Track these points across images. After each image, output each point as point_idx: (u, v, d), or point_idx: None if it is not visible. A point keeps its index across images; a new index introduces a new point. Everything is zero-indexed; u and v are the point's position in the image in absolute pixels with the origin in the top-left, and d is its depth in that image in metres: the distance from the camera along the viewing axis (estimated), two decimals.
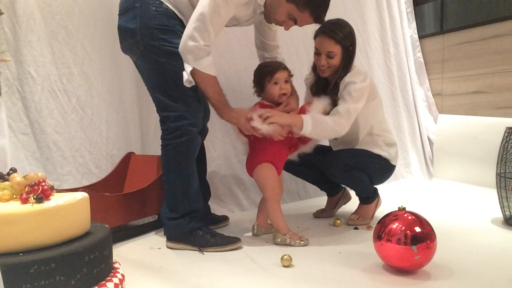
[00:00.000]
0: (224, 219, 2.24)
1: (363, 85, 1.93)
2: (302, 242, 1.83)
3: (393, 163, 2.16)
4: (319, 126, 1.82)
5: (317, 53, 2.02)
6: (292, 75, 1.95)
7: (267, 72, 1.90)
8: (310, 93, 2.16)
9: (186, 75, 1.73)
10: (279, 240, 1.85)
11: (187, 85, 1.75)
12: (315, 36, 2.03)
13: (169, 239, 1.85)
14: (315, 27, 1.94)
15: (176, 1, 1.80)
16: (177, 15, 1.79)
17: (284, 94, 1.90)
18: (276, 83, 1.88)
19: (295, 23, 1.82)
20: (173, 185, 1.82)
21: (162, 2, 1.76)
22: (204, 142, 2.10)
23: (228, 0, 1.67)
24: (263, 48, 2.11)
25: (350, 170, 2.04)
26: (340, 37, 1.96)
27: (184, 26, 1.78)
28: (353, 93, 1.89)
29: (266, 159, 1.88)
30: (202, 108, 1.87)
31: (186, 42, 1.69)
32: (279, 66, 1.90)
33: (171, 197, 1.84)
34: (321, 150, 2.21)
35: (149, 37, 1.74)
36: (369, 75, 2.01)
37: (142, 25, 1.74)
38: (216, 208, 2.39)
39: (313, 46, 2.06)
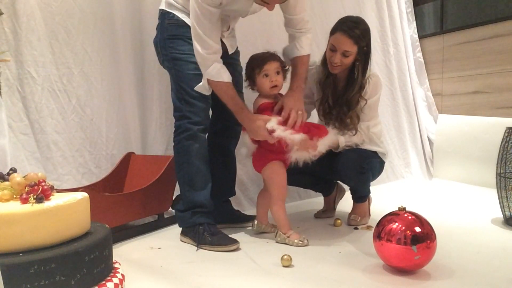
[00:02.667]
0: (250, 218, 2.14)
1: (379, 98, 2.13)
2: (302, 242, 1.83)
3: (385, 159, 2.19)
4: (349, 144, 2.07)
5: (333, 50, 1.98)
6: (286, 66, 1.90)
7: (256, 65, 1.84)
8: (318, 87, 2.12)
9: (202, 82, 1.82)
10: (279, 239, 1.86)
11: (205, 92, 1.84)
12: (333, 32, 1.99)
13: (181, 232, 1.94)
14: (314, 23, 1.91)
15: (186, 6, 1.81)
16: (186, 23, 1.84)
17: (276, 86, 1.84)
18: (266, 76, 1.83)
19: (268, 3, 1.72)
20: (178, 179, 1.95)
21: (175, 14, 1.86)
22: None
23: (199, 4, 1.68)
24: (286, 24, 1.99)
25: (365, 172, 2.05)
26: (358, 37, 1.95)
27: None
28: (373, 108, 2.10)
29: (279, 157, 1.86)
30: (208, 108, 1.91)
31: (195, 56, 1.78)
32: (268, 57, 1.84)
33: (180, 190, 1.96)
34: None
35: (163, 48, 1.90)
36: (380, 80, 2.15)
37: (159, 39, 1.92)
38: None
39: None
